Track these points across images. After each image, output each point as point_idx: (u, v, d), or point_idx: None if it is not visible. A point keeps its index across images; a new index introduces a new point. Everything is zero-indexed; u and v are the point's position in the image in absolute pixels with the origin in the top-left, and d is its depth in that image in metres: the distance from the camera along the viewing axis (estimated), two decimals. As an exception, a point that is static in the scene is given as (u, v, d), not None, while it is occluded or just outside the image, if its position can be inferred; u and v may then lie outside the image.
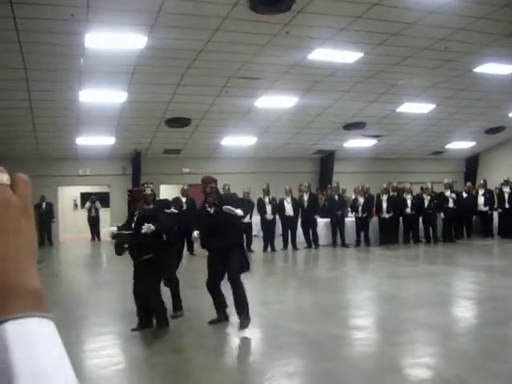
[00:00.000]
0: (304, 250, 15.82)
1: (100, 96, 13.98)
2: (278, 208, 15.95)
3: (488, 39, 11.96)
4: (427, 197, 16.71)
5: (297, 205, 16.05)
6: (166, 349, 5.95)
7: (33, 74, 12.07)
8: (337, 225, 16.54)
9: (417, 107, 17.41)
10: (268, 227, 15.82)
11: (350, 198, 17.38)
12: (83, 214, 22.32)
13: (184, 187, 14.92)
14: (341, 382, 4.73)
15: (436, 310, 7.35)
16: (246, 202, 7.50)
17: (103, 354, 5.87)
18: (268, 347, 6.03)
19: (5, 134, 16.07)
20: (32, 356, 0.54)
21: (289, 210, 15.96)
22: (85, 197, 23.11)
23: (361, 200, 16.59)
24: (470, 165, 24.81)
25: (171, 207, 8.02)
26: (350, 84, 14.83)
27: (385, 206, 16.52)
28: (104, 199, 21.35)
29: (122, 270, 8.48)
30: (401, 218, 16.69)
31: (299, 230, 16.33)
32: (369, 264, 13.60)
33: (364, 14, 10.37)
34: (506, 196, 17.17)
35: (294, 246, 15.92)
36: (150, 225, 6.49)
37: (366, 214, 16.46)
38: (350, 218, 16.86)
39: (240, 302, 6.58)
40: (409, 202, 16.63)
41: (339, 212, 16.52)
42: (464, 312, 7.71)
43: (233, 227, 6.66)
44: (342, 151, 22.07)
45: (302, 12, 10.07)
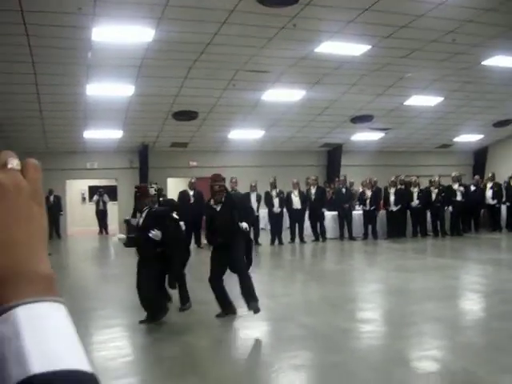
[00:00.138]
0: (311, 243, 15.84)
1: (107, 89, 14.00)
2: (286, 201, 15.96)
3: (496, 31, 11.88)
4: (435, 190, 16.68)
5: (304, 198, 16.05)
6: (173, 341, 5.98)
7: (40, 67, 12.09)
8: (344, 218, 16.54)
9: (424, 100, 17.32)
10: (275, 220, 15.82)
11: (358, 191, 17.38)
12: (91, 208, 22.42)
13: (192, 180, 14.99)
14: (348, 374, 4.74)
15: (443, 303, 7.35)
16: (249, 212, 7.61)
17: (111, 346, 5.92)
18: (275, 340, 6.05)
19: (13, 127, 16.14)
20: (43, 340, 0.55)
21: (296, 203, 15.96)
22: (92, 190, 23.19)
23: (368, 193, 16.58)
24: (478, 158, 24.68)
25: (178, 207, 8.13)
26: (357, 77, 14.77)
27: (392, 199, 16.50)
28: (112, 192, 21.41)
29: (129, 263, 8.52)
30: (408, 212, 16.68)
31: (307, 223, 16.35)
32: (376, 257, 13.59)
33: (372, 7, 10.31)
34: (515, 189, 17.13)
35: (302, 239, 15.93)
36: (159, 233, 6.64)
37: (373, 207, 16.46)
38: (357, 211, 16.86)
39: (247, 290, 6.64)
40: (415, 195, 16.61)
41: (347, 205, 16.53)
42: (471, 305, 7.71)
43: (238, 225, 6.82)
44: (349, 144, 22.00)
45: (310, 5, 10.03)
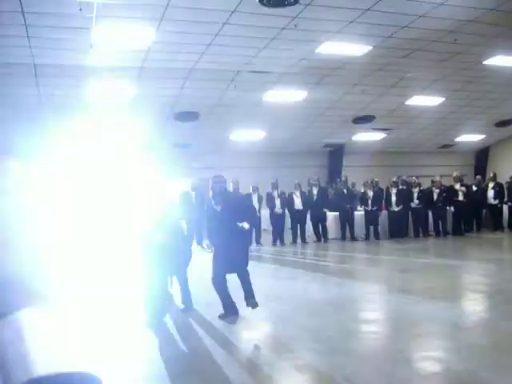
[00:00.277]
0: (313, 243, 15.82)
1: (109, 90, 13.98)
2: (287, 202, 15.95)
3: (498, 31, 11.87)
4: (436, 190, 16.66)
5: (306, 199, 16.03)
6: (174, 341, 5.97)
7: (41, 69, 12.09)
8: (346, 218, 16.52)
9: (426, 100, 17.31)
10: (277, 221, 15.82)
11: (360, 192, 17.36)
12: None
13: (194, 181, 15.01)
14: (351, 375, 4.72)
15: (446, 304, 7.33)
16: (250, 211, 7.61)
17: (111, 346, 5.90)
18: (278, 340, 6.03)
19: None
20: (46, 343, 0.54)
21: (298, 203, 15.94)
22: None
23: (370, 193, 16.56)
24: (480, 158, 24.65)
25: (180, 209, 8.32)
26: (358, 77, 14.76)
27: (394, 199, 16.49)
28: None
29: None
30: (410, 212, 16.67)
31: (308, 224, 16.33)
32: (378, 257, 13.56)
33: (372, 7, 10.31)
34: (516, 189, 17.10)
35: (304, 240, 15.91)
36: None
37: (375, 207, 16.44)
38: (359, 212, 16.84)
39: (249, 287, 6.89)
40: (415, 195, 16.60)
41: (348, 206, 16.51)
42: (474, 305, 7.68)
43: (238, 226, 6.88)
44: (351, 145, 21.98)
45: (311, 5, 10.02)
